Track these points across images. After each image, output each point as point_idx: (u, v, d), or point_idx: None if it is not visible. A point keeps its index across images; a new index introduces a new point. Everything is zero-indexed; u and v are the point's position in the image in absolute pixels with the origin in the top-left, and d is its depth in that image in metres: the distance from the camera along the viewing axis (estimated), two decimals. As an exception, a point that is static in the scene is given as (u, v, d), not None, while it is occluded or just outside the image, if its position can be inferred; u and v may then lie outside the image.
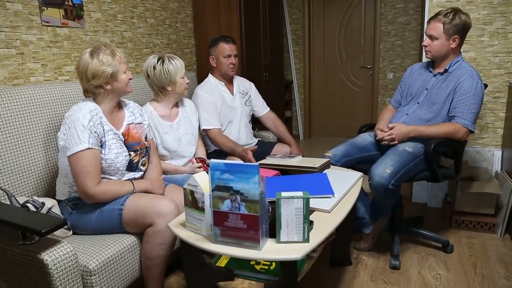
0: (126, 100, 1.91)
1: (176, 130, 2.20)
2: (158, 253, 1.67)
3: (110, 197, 1.69)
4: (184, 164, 2.24)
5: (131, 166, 1.80)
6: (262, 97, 2.88)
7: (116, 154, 1.71)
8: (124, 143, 1.77)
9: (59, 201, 1.77)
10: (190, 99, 2.45)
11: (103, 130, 1.68)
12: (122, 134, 1.77)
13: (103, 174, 1.70)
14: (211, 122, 2.46)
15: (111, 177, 1.74)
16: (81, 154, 1.59)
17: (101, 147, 1.67)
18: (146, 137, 1.90)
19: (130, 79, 1.75)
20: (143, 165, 1.87)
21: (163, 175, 1.97)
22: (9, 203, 1.56)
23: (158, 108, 2.17)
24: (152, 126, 2.11)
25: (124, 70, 1.72)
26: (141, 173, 1.87)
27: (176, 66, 2.10)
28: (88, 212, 1.70)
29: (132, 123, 1.85)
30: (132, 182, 1.77)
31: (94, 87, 1.68)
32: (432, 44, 2.10)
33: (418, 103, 2.21)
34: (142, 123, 1.91)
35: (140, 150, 1.83)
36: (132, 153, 1.79)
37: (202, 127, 2.43)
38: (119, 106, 1.84)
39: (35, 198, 1.65)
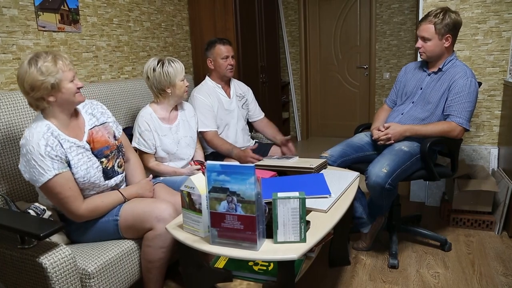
0: (81, 103, 1.67)
1: (175, 132, 2.20)
2: (159, 256, 1.67)
3: (101, 213, 1.64)
4: (182, 166, 2.25)
5: (107, 174, 1.68)
6: (259, 99, 2.89)
7: (86, 169, 1.58)
8: (92, 152, 1.64)
9: None
10: (187, 101, 2.46)
11: (64, 149, 1.52)
12: (87, 142, 1.63)
13: (82, 193, 1.60)
14: (207, 125, 2.47)
15: (91, 193, 1.64)
16: (51, 183, 1.47)
17: (69, 166, 1.54)
18: (115, 136, 1.77)
19: (79, 87, 1.55)
20: (120, 166, 1.76)
21: (150, 176, 1.92)
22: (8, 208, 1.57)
23: (157, 111, 2.17)
24: (152, 128, 2.11)
25: (70, 79, 1.51)
26: (121, 175, 1.77)
27: (176, 69, 2.11)
28: (83, 226, 1.65)
29: (95, 126, 1.69)
30: (120, 191, 1.71)
31: (35, 100, 1.48)
32: (426, 45, 2.11)
33: (413, 102, 2.22)
34: (106, 122, 1.75)
35: (111, 154, 1.71)
36: (103, 159, 1.67)
37: (199, 130, 2.44)
38: (76, 113, 1.65)
39: (37, 204, 1.63)
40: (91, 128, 1.67)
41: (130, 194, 1.73)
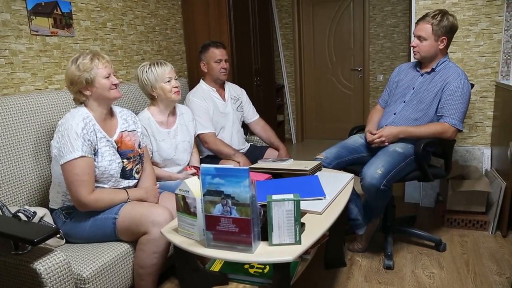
0: (119, 108, 1.90)
1: (173, 137, 2.19)
2: (151, 262, 1.66)
3: (104, 205, 1.68)
4: (178, 171, 2.24)
5: (125, 174, 1.79)
6: (254, 102, 2.89)
7: (109, 161, 1.70)
8: (117, 151, 1.77)
9: (52, 210, 1.76)
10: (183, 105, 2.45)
11: (96, 137, 1.67)
12: (115, 142, 1.76)
13: (97, 182, 1.69)
14: (206, 126, 2.46)
15: (104, 186, 1.73)
16: (75, 162, 1.58)
17: (94, 155, 1.66)
18: (139, 145, 1.90)
19: (114, 84, 1.71)
20: (137, 172, 1.87)
21: (157, 184, 1.96)
22: (0, 213, 1.55)
23: (155, 115, 2.16)
24: (150, 133, 2.11)
25: (105, 75, 1.67)
26: (136, 181, 1.87)
27: (156, 73, 2.08)
28: (82, 221, 1.69)
29: (125, 130, 1.84)
30: (127, 191, 1.76)
31: (74, 93, 1.69)
32: (421, 45, 2.13)
33: (404, 102, 2.24)
34: (135, 130, 1.90)
35: (133, 158, 1.83)
36: (125, 160, 1.78)
37: (197, 132, 2.43)
38: (112, 113, 1.83)
39: (27, 207, 1.64)
40: (122, 131, 1.82)
41: (134, 195, 1.77)
